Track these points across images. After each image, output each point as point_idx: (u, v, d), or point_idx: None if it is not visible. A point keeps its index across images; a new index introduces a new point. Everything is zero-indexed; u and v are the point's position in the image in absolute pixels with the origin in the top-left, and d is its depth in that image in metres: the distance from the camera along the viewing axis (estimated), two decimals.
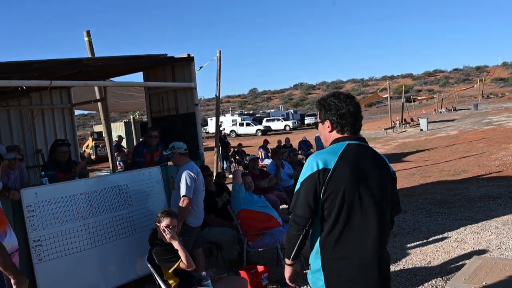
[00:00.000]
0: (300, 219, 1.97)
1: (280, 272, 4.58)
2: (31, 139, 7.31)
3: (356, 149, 2.03)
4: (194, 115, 5.82)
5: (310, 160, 2.01)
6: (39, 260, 3.68)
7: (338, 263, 1.95)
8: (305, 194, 1.95)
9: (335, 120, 2.08)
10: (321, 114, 2.15)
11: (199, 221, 4.47)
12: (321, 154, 2.01)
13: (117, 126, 24.21)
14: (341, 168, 1.93)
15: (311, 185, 1.94)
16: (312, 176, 1.94)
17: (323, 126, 2.14)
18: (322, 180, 1.92)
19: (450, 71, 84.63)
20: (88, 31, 6.45)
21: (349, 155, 1.98)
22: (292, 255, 2.07)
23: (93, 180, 4.61)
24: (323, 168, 1.93)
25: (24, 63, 4.16)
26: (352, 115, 2.06)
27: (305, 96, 78.95)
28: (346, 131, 2.07)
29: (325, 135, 2.15)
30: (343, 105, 2.06)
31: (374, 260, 1.96)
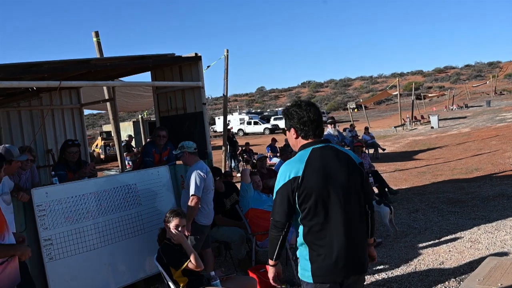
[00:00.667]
0: (279, 223, 2.25)
1: (290, 271, 4.57)
2: (42, 139, 7.40)
3: (321, 153, 2.26)
4: (201, 114, 5.83)
5: (282, 170, 2.27)
6: (50, 259, 3.73)
7: (320, 253, 2.22)
8: (281, 202, 2.23)
9: (299, 127, 2.32)
10: (286, 123, 2.40)
11: (209, 220, 4.47)
12: (290, 164, 2.27)
13: (126, 125, 24.40)
14: (308, 173, 2.19)
15: (285, 193, 2.22)
16: (284, 185, 2.22)
17: (290, 133, 2.39)
18: (294, 187, 2.20)
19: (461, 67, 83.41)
20: (96, 31, 6.50)
21: (314, 160, 2.23)
22: (274, 255, 2.33)
23: (102, 179, 4.64)
24: (293, 177, 2.20)
25: (34, 64, 4.19)
26: (312, 122, 2.30)
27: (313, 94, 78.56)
28: (310, 137, 2.32)
29: (292, 141, 2.40)
30: (304, 114, 2.30)
31: (351, 248, 2.23)
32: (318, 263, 2.21)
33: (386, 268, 4.62)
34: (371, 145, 16.24)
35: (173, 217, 3.45)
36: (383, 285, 4.18)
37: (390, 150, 17.68)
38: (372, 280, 4.35)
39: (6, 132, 7.12)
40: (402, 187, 9.28)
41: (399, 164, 13.25)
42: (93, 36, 6.47)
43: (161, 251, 3.42)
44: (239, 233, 4.93)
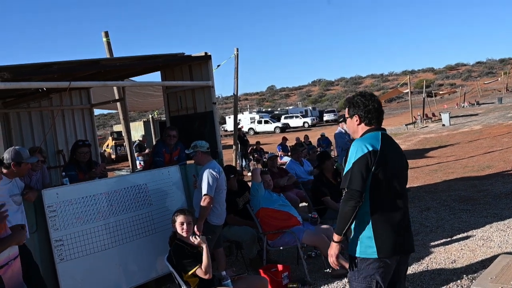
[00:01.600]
0: (356, 193, 2.31)
1: (301, 271, 4.53)
2: (52, 140, 7.43)
3: (386, 137, 2.50)
4: (212, 114, 5.80)
5: (356, 145, 2.40)
6: (61, 259, 3.73)
7: (386, 229, 2.36)
8: (359, 171, 2.33)
9: (363, 115, 2.52)
10: (349, 110, 2.58)
11: (221, 220, 4.45)
12: (365, 140, 2.43)
13: (136, 125, 24.54)
14: (385, 149, 2.40)
15: (363, 163, 2.33)
16: (363, 156, 2.34)
17: (352, 120, 2.58)
18: (373, 159, 2.34)
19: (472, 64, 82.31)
20: (106, 32, 6.51)
21: (387, 141, 2.46)
22: (344, 230, 2.38)
23: (113, 180, 4.64)
24: (372, 150, 2.35)
25: (43, 64, 4.20)
26: (376, 110, 2.53)
27: (324, 92, 78.15)
28: (373, 123, 2.52)
29: (353, 127, 2.58)
30: (369, 103, 2.52)
31: (407, 222, 2.48)
32: (383, 239, 2.34)
33: None
34: None
35: (177, 215, 3.43)
36: None
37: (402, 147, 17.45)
38: None
39: (16, 133, 7.16)
40: (414, 185, 9.20)
41: (410, 162, 12.83)
42: (103, 36, 6.48)
43: (172, 252, 3.39)
44: (250, 233, 4.91)
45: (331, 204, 5.47)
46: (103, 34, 6.51)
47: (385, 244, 2.34)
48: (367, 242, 2.36)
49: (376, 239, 2.34)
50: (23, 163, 3.46)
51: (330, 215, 5.56)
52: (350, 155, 2.39)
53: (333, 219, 5.56)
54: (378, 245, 2.33)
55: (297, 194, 6.47)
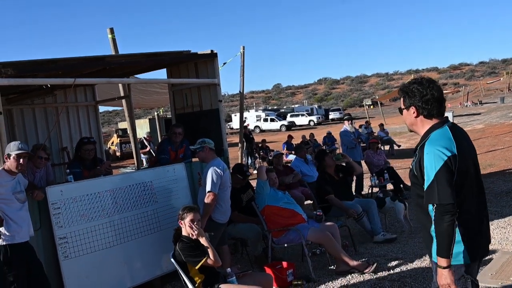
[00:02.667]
0: (449, 206, 2.06)
1: (306, 268, 4.54)
2: (56, 137, 7.39)
3: (456, 130, 2.21)
4: (218, 112, 5.77)
5: (432, 151, 2.11)
6: (65, 257, 3.70)
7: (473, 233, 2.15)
8: (446, 182, 2.06)
9: (420, 106, 2.20)
10: (405, 101, 2.26)
11: (225, 217, 4.44)
12: (438, 143, 2.12)
13: (142, 123, 24.59)
14: (461, 151, 2.12)
15: (446, 173, 2.07)
16: (445, 165, 2.07)
17: (408, 112, 2.26)
18: (454, 165, 2.08)
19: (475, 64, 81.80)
20: (111, 28, 6.49)
21: (459, 138, 2.16)
22: (450, 251, 2.08)
23: (118, 177, 4.63)
24: (451, 155, 2.08)
25: (48, 61, 4.17)
26: (436, 99, 2.18)
27: (329, 91, 77.84)
28: (434, 116, 2.20)
29: (411, 120, 2.28)
30: (427, 91, 2.17)
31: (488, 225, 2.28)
32: (473, 242, 2.15)
33: (400, 263, 4.61)
34: (387, 142, 16.05)
35: (187, 212, 3.42)
36: (398, 280, 4.17)
37: (406, 146, 17.49)
38: (387, 275, 4.33)
39: (20, 130, 7.11)
40: None
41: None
42: (108, 32, 6.45)
43: (179, 249, 3.38)
44: (255, 230, 4.90)
45: (335, 202, 5.48)
46: (108, 30, 6.49)
47: (475, 249, 2.17)
48: (456, 248, 2.13)
49: (465, 243, 2.13)
50: (13, 156, 3.34)
51: (334, 212, 5.57)
52: (428, 165, 2.11)
53: (338, 216, 5.56)
54: (468, 250, 2.14)
55: (302, 192, 6.44)
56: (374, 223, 5.47)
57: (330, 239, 4.48)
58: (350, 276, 4.36)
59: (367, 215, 5.51)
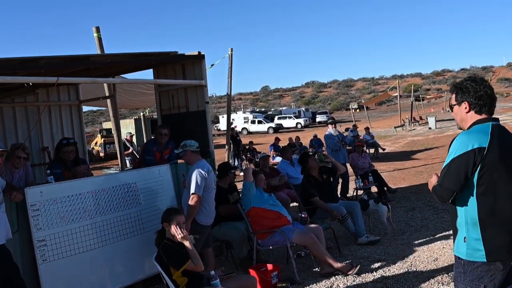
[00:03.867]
0: (448, 191, 2.16)
1: (290, 270, 4.56)
2: (37, 137, 7.21)
3: (501, 129, 2.22)
4: (204, 113, 5.73)
5: (461, 139, 2.17)
6: (43, 260, 3.60)
7: (496, 231, 2.13)
8: (458, 170, 2.13)
9: (473, 102, 2.25)
10: (457, 97, 2.31)
11: (210, 219, 4.41)
12: (471, 134, 2.17)
13: (127, 123, 24.28)
14: (494, 146, 2.11)
15: (464, 162, 2.11)
16: (466, 154, 2.11)
17: (460, 107, 2.30)
18: (478, 157, 2.10)
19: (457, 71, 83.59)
20: (97, 27, 6.38)
21: (498, 134, 2.17)
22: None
23: (101, 178, 4.55)
24: (478, 147, 2.10)
25: (30, 59, 4.07)
26: (489, 96, 2.24)
27: (317, 94, 78.37)
28: (484, 112, 2.24)
29: (461, 115, 2.31)
30: (481, 88, 2.24)
31: None
32: (494, 241, 2.13)
33: (383, 265, 4.67)
34: (372, 145, 16.26)
35: (174, 214, 3.40)
36: (380, 282, 4.23)
37: (390, 150, 17.79)
38: (370, 276, 4.38)
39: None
40: (401, 186, 9.42)
41: (398, 164, 13.42)
42: (94, 31, 6.35)
43: (162, 251, 3.34)
44: (240, 232, 4.89)
45: (320, 204, 5.51)
46: (94, 29, 6.38)
47: (496, 247, 2.12)
48: (475, 244, 2.15)
49: (484, 241, 2.13)
50: None
51: (319, 215, 5.59)
52: (451, 150, 2.18)
53: (323, 218, 5.58)
54: (487, 248, 2.12)
55: (288, 194, 6.45)
56: (358, 225, 5.51)
57: (315, 241, 4.50)
58: (334, 278, 4.38)
59: (351, 217, 5.55)
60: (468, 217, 2.18)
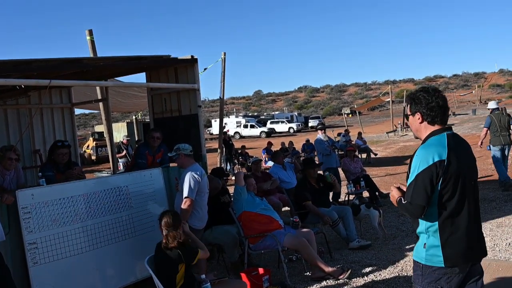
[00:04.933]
0: (419, 207, 2.21)
1: (281, 274, 4.56)
2: (29, 139, 7.17)
3: (455, 139, 2.29)
4: (197, 117, 5.75)
5: (422, 153, 2.22)
6: (34, 263, 3.58)
7: (454, 238, 2.21)
8: (423, 185, 2.19)
9: (425, 112, 2.31)
10: (411, 107, 2.37)
11: (202, 223, 4.42)
12: (429, 147, 2.23)
13: (119, 126, 24.15)
14: (453, 157, 2.19)
15: (428, 176, 2.18)
16: (428, 168, 2.18)
17: (414, 118, 2.36)
18: (439, 170, 2.17)
19: (449, 77, 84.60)
20: (90, 30, 6.38)
21: (454, 145, 2.24)
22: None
23: (92, 181, 4.53)
24: (438, 161, 2.17)
25: (23, 61, 4.07)
26: (441, 107, 2.30)
27: (309, 99, 78.70)
28: (437, 122, 2.31)
29: (415, 126, 2.38)
30: (433, 99, 2.29)
31: (479, 232, 2.31)
32: (452, 247, 2.22)
33: (374, 269, 4.68)
34: (364, 150, 16.33)
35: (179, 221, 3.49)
36: (371, 286, 4.26)
37: (382, 155, 17.86)
38: (361, 281, 4.40)
39: None
40: None
41: (390, 169, 13.48)
42: (87, 34, 6.35)
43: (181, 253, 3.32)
44: (232, 236, 4.89)
45: (312, 208, 5.54)
46: (87, 32, 6.38)
47: (453, 254, 2.22)
48: (434, 251, 2.24)
49: (443, 248, 2.22)
50: None
51: (311, 219, 5.61)
52: (414, 166, 2.24)
53: (314, 223, 5.60)
54: (445, 255, 2.21)
55: (280, 198, 6.47)
56: (349, 230, 5.54)
57: (306, 245, 4.52)
58: (325, 282, 4.40)
59: (343, 222, 5.58)
60: (429, 225, 2.25)
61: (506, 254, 4.76)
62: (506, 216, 6.25)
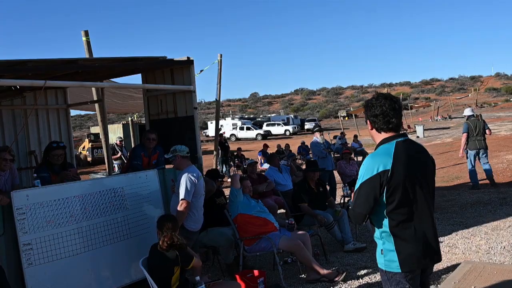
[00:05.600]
0: (360, 215, 2.29)
1: (277, 276, 4.57)
2: (24, 140, 7.13)
3: (405, 146, 2.29)
4: (192, 119, 5.74)
5: (368, 163, 2.28)
6: (29, 264, 3.57)
7: (408, 243, 2.27)
8: (366, 195, 2.25)
9: (372, 120, 2.36)
10: (365, 114, 2.43)
11: (198, 225, 4.42)
12: (377, 157, 2.28)
13: (115, 128, 24.08)
14: (397, 167, 2.21)
15: (371, 187, 2.23)
16: (371, 179, 2.23)
17: (367, 125, 2.43)
18: (383, 180, 2.21)
19: (446, 80, 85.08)
20: (86, 31, 6.35)
21: (401, 154, 2.25)
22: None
23: (87, 182, 4.52)
24: (382, 171, 2.21)
25: (18, 62, 4.06)
26: (386, 115, 2.30)
27: (306, 101, 78.93)
28: (385, 130, 2.33)
29: (370, 132, 2.44)
30: (377, 107, 2.31)
31: (432, 239, 2.32)
32: (406, 253, 2.26)
33: (369, 272, 4.69)
34: (360, 153, 16.37)
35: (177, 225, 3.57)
36: None
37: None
38: (356, 283, 4.42)
39: None
40: None
41: None
42: (83, 35, 6.31)
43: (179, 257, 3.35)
44: (227, 238, 4.89)
45: (307, 210, 5.56)
46: (82, 33, 6.34)
47: (409, 259, 2.27)
48: (391, 256, 2.30)
49: (398, 253, 2.27)
50: None
51: (307, 221, 5.62)
52: (360, 174, 2.30)
53: (310, 225, 5.61)
54: (400, 259, 2.26)
55: (275, 200, 6.47)
56: (344, 232, 5.56)
57: (302, 247, 4.53)
58: (320, 284, 4.41)
59: (338, 224, 5.59)
60: (381, 231, 2.32)
61: (501, 258, 4.79)
62: (501, 220, 6.31)
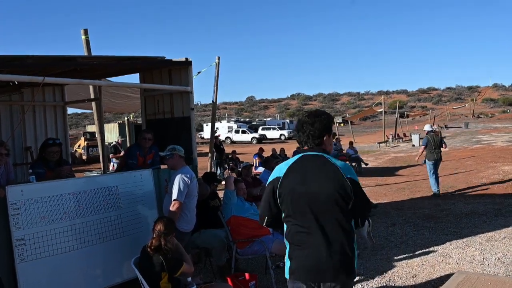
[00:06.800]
0: (260, 216, 2.48)
1: (269, 280, 4.57)
2: (21, 136, 7.14)
3: (307, 160, 2.37)
4: (189, 120, 5.76)
5: (275, 169, 2.46)
6: (21, 259, 3.57)
7: (296, 253, 2.34)
8: (264, 198, 2.43)
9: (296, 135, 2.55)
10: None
11: (190, 226, 4.42)
12: (281, 165, 2.45)
13: (111, 127, 24.04)
14: (287, 176, 2.34)
15: (268, 190, 2.40)
16: (269, 183, 2.41)
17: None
18: (275, 186, 2.36)
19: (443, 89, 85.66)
20: (85, 29, 6.37)
21: (297, 165, 2.37)
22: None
23: (82, 180, 4.52)
24: (276, 177, 2.38)
25: (17, 57, 4.06)
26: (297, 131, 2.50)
27: (302, 106, 79.10)
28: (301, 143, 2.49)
29: None
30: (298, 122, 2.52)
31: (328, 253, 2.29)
32: (294, 261, 2.35)
33: (362, 279, 4.72)
34: (355, 159, 16.41)
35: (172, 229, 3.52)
36: None
37: (373, 165, 17.96)
38: None
39: None
40: (382, 201, 9.51)
41: (380, 179, 13.52)
42: (82, 33, 6.33)
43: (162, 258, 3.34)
44: (220, 240, 4.89)
45: None
46: (82, 31, 6.36)
47: (296, 269, 2.33)
48: (286, 263, 2.41)
49: (290, 260, 2.37)
50: None
51: None
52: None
53: None
54: (290, 267, 2.36)
55: None
56: None
57: None
58: None
59: None
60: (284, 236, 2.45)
61: (495, 269, 4.81)
62: (496, 231, 6.34)
